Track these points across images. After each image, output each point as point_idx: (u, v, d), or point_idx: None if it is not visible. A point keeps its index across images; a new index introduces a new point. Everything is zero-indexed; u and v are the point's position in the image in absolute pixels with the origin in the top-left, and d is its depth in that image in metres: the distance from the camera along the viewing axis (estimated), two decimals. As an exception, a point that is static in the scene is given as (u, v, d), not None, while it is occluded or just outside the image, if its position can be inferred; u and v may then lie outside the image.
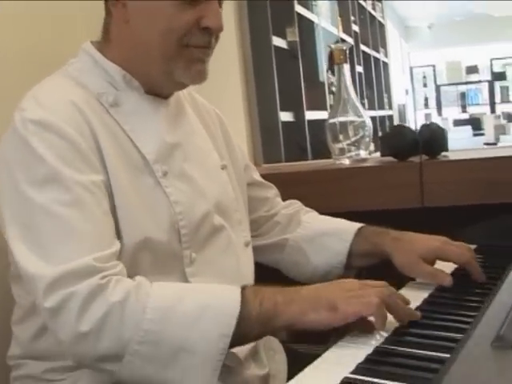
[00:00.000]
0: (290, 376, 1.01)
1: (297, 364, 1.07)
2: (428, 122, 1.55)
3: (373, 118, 3.80)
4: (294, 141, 2.37)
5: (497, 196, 1.39)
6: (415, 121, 8.84)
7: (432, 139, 1.48)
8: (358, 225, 1.14)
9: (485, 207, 1.38)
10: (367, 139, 1.71)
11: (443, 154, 1.55)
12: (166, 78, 0.94)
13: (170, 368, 0.76)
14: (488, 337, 0.70)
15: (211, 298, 0.79)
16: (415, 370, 0.69)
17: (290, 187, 1.29)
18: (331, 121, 1.71)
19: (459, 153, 1.62)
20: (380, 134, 4.01)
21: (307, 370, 0.72)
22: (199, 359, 0.76)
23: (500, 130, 4.23)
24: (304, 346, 1.24)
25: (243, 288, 0.81)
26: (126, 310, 0.76)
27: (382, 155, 1.65)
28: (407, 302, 0.85)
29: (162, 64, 0.92)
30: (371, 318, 0.80)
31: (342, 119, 1.70)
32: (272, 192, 1.23)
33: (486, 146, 3.50)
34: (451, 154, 1.55)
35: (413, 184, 1.46)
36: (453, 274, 1.04)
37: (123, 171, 0.89)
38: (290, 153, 2.28)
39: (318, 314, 0.77)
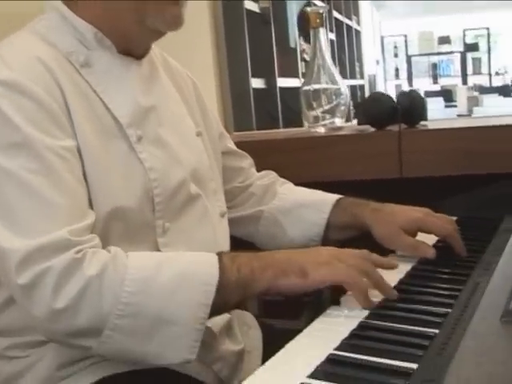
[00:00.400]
0: (266, 352, 1.02)
1: (272, 340, 1.06)
2: (407, 90, 1.52)
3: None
4: (266, 109, 2.34)
5: (477, 167, 1.39)
6: (385, 91, 8.87)
7: (412, 107, 1.47)
8: (336, 196, 1.13)
9: (465, 178, 1.37)
10: (343, 107, 1.69)
11: (422, 123, 1.54)
12: (138, 28, 0.90)
13: (150, 341, 0.75)
14: (494, 312, 0.69)
15: (189, 266, 0.78)
16: (404, 346, 0.67)
17: (262, 156, 1.26)
18: (305, 88, 1.69)
19: (438, 122, 1.61)
20: (351, 103, 4.00)
21: (289, 345, 0.70)
22: (179, 330, 0.75)
23: (473, 102, 4.26)
24: (278, 321, 1.23)
25: (219, 255, 0.80)
26: (103, 284, 0.75)
27: (359, 124, 1.63)
28: (393, 266, 0.86)
29: (133, 12, 0.88)
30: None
31: (316, 86, 1.68)
32: (247, 162, 1.21)
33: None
34: (430, 124, 1.54)
35: (391, 153, 1.44)
36: (434, 246, 1.03)
37: (94, 135, 0.85)
38: (261, 121, 2.25)
39: (288, 279, 0.79)
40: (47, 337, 0.79)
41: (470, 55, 9.15)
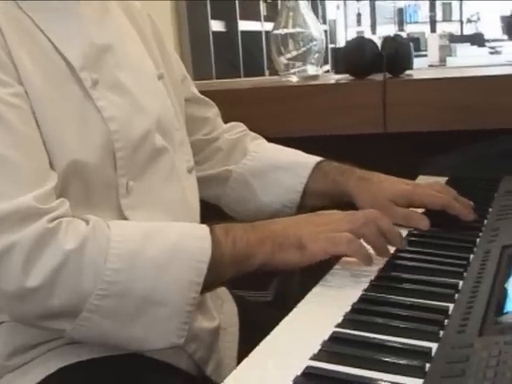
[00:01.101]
0: (243, 327, 1.00)
1: (247, 314, 1.04)
2: (392, 35, 1.50)
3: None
4: (226, 56, 2.29)
5: (470, 122, 1.38)
6: (346, 39, 8.86)
7: (398, 54, 1.44)
8: (316, 158, 1.10)
9: (456, 134, 1.37)
10: (317, 54, 1.66)
11: (407, 72, 1.52)
12: None
13: (134, 324, 0.73)
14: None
15: (179, 239, 0.75)
16: (417, 322, 0.66)
17: (227, 108, 1.22)
18: (275, 32, 1.65)
19: (425, 72, 1.59)
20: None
21: (283, 323, 0.68)
22: (167, 311, 0.73)
23: (446, 52, 4.27)
24: (245, 292, 1.22)
25: (211, 226, 0.78)
26: (84, 259, 0.71)
27: (337, 72, 1.60)
28: (396, 234, 0.85)
29: None
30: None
31: (287, 30, 1.64)
32: (213, 111, 1.18)
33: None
34: (415, 73, 1.52)
35: (374, 106, 1.42)
36: (428, 212, 1.02)
37: (42, 80, 0.79)
38: (221, 69, 2.20)
39: (286, 253, 0.79)
40: (14, 317, 0.75)
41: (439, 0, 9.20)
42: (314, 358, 0.60)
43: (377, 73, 1.48)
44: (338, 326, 0.66)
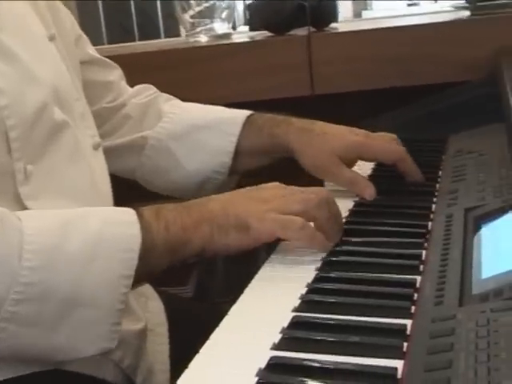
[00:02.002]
0: (171, 326, 0.99)
1: (173, 311, 1.03)
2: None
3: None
4: (117, 19, 2.25)
5: (408, 77, 1.41)
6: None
7: (321, 5, 1.45)
8: (246, 112, 1.09)
9: (393, 92, 1.39)
10: (225, 11, 1.65)
11: (332, 25, 1.53)
12: None
13: (57, 331, 0.69)
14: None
15: (103, 227, 0.72)
16: (382, 298, 0.67)
17: (127, 75, 1.19)
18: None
19: (352, 24, 1.61)
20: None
21: (231, 314, 0.67)
22: (95, 313, 0.69)
23: (361, 5, 4.35)
24: (168, 289, 1.20)
25: (138, 209, 0.75)
26: None
27: (252, 29, 1.60)
28: (339, 226, 0.84)
29: None
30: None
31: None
32: (116, 73, 1.15)
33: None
34: (341, 26, 1.54)
35: (299, 65, 1.43)
36: (372, 175, 1.06)
37: None
38: (113, 34, 2.16)
39: (228, 236, 0.78)
40: None
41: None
42: (276, 347, 0.59)
43: (298, 27, 1.48)
44: (296, 310, 0.66)
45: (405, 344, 0.57)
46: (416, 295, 0.66)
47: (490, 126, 1.15)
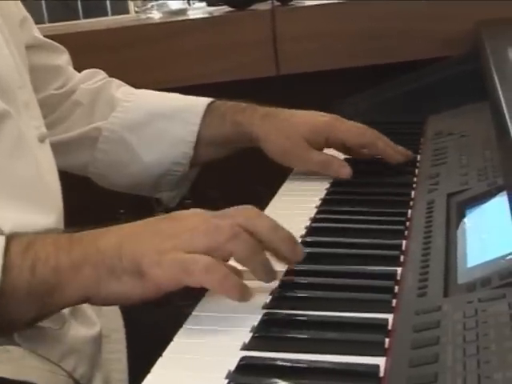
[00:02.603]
0: (129, 332, 0.98)
1: (130, 315, 1.03)
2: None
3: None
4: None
5: (378, 55, 1.42)
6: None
7: (286, -24, 1.45)
8: (206, 99, 1.10)
9: (366, 71, 1.40)
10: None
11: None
12: None
13: None
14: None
15: None
16: (360, 291, 0.68)
17: (72, 56, 1.19)
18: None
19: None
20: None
21: (195, 313, 0.68)
22: None
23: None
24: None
25: (9, 237, 0.70)
26: None
27: (210, 4, 1.60)
28: (289, 238, 0.71)
29: None
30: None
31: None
32: (64, 58, 1.14)
33: None
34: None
35: (262, 43, 1.43)
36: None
37: None
38: (55, 12, 2.15)
39: (118, 283, 0.68)
40: None
41: None
42: (247, 347, 0.60)
43: (261, 1, 1.49)
44: (267, 306, 0.66)
45: (386, 340, 0.58)
46: (397, 288, 0.67)
47: (473, 105, 1.17)
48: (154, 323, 1.03)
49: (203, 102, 1.10)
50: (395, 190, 0.95)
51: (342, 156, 1.06)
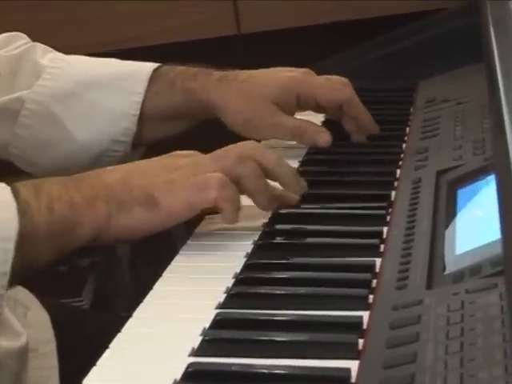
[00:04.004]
0: (62, 346, 1.00)
1: (63, 325, 1.04)
2: None
3: None
4: None
5: (356, 9, 1.44)
6: None
7: None
8: (152, 64, 1.11)
9: (339, 29, 1.42)
10: None
11: None
12: None
13: None
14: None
15: None
16: (331, 286, 0.71)
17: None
18: None
19: None
20: None
21: (138, 314, 0.70)
22: None
23: None
24: (68, 299, 1.21)
25: (13, 184, 0.76)
26: None
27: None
28: (293, 171, 0.88)
29: None
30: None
31: None
32: None
33: None
34: None
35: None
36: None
37: None
38: None
39: (130, 215, 0.80)
40: None
41: None
42: (196, 352, 0.62)
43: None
44: (221, 306, 0.69)
45: (360, 341, 0.60)
46: (375, 281, 0.70)
47: (470, 67, 1.19)
48: (91, 336, 1.04)
49: (148, 67, 1.10)
50: (377, 169, 0.98)
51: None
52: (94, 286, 1.68)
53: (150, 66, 1.11)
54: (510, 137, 0.60)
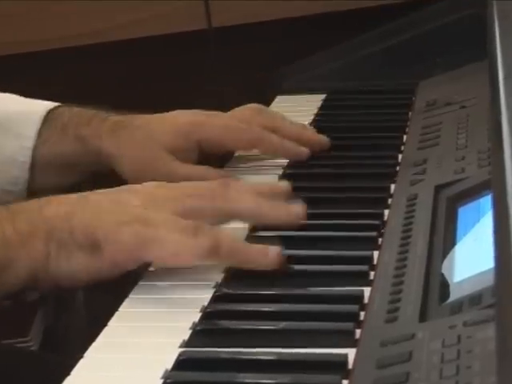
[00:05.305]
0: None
1: (5, 369, 1.05)
2: None
3: None
4: None
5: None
6: None
7: None
8: (47, 104, 1.13)
9: (324, 20, 1.43)
10: None
11: None
12: None
13: None
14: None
15: None
16: (317, 319, 0.73)
17: None
18: None
19: None
20: None
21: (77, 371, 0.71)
22: None
23: None
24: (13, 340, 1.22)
25: None
26: None
27: None
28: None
29: None
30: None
31: None
32: None
33: None
34: None
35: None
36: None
37: None
38: None
39: (69, 259, 0.80)
40: None
41: None
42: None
43: None
44: (186, 344, 0.70)
45: (345, 382, 0.62)
46: (363, 314, 0.72)
47: (477, 65, 1.20)
48: (37, 380, 1.05)
49: (42, 107, 1.12)
50: (368, 184, 1.00)
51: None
52: (44, 324, 1.68)
53: (45, 106, 1.12)
54: (507, 149, 0.62)
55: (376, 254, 0.82)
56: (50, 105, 1.12)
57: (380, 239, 0.85)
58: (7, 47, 1.17)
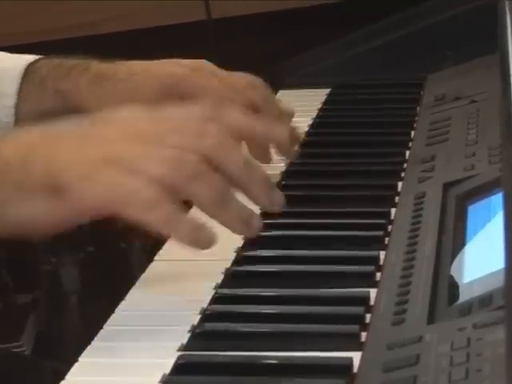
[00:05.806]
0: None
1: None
2: None
3: None
4: None
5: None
6: None
7: None
8: (28, 58, 1.11)
9: (328, 10, 1.44)
10: None
11: None
12: None
13: None
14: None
15: None
16: (320, 322, 0.73)
17: None
18: None
19: None
20: None
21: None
22: None
23: None
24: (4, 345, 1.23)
25: None
26: None
27: None
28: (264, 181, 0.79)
29: None
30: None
31: None
32: None
33: None
34: None
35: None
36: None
37: None
38: None
39: (27, 203, 0.75)
40: None
41: None
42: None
43: None
44: (184, 348, 0.71)
45: (349, 386, 0.63)
46: (369, 316, 0.72)
47: (488, 58, 1.20)
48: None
49: (23, 62, 1.11)
50: (375, 182, 1.00)
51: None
52: (36, 328, 1.69)
53: (25, 60, 1.11)
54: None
55: (382, 254, 0.82)
56: (30, 58, 1.10)
57: (387, 239, 0.85)
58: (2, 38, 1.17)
